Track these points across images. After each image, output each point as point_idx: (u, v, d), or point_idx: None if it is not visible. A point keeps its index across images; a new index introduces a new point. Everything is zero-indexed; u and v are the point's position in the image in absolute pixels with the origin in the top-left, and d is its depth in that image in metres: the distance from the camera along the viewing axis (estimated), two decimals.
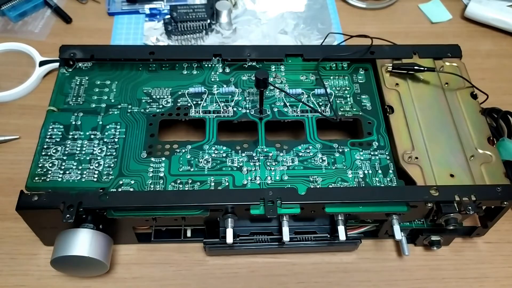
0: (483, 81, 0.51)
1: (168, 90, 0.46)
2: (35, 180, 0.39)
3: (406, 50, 0.49)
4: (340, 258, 0.43)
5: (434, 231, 0.42)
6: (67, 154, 0.41)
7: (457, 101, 0.46)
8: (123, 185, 0.39)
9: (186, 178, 0.40)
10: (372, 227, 0.42)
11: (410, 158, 0.41)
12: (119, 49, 0.49)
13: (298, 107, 0.45)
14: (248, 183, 0.40)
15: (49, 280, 0.41)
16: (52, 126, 0.43)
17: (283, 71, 0.48)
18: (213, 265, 0.42)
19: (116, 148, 0.42)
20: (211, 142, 0.43)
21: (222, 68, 0.48)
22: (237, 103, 0.45)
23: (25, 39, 0.58)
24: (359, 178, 0.41)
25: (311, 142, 0.43)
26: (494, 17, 0.61)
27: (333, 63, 0.49)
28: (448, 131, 0.43)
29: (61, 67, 0.47)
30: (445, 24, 0.64)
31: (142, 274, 0.41)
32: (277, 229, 0.40)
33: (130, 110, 0.44)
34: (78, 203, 0.37)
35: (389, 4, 0.65)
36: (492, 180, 0.40)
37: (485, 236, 0.44)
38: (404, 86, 0.47)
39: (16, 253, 0.42)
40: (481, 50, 0.61)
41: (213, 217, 0.39)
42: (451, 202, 0.38)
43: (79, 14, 0.61)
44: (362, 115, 0.45)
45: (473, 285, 0.42)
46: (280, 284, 0.41)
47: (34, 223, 0.39)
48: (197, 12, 0.59)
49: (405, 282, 0.42)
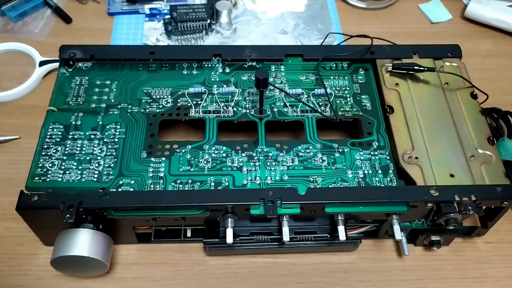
0: (483, 81, 0.51)
1: (168, 90, 0.46)
2: (35, 180, 0.39)
3: (406, 50, 0.49)
4: (340, 258, 0.43)
5: (434, 231, 0.42)
6: (67, 154, 0.41)
7: (457, 101, 0.46)
8: (123, 185, 0.39)
9: (186, 178, 0.40)
10: (372, 227, 0.42)
11: (410, 158, 0.41)
12: (119, 49, 0.49)
13: (298, 107, 0.45)
14: (248, 183, 0.40)
15: (49, 280, 0.41)
16: (52, 126, 0.43)
17: (283, 71, 0.48)
18: (213, 265, 0.42)
19: (116, 148, 0.42)
20: (211, 142, 0.43)
21: (222, 68, 0.48)
22: (237, 103, 0.45)
23: (25, 39, 0.58)
24: (359, 178, 0.41)
25: (311, 142, 0.43)
26: (494, 17, 0.61)
27: (333, 63, 0.49)
28: (448, 131, 0.43)
29: (61, 67, 0.47)
30: (445, 24, 0.64)
31: (142, 274, 0.41)
32: (277, 229, 0.40)
33: (130, 110, 0.44)
34: (78, 203, 0.37)
35: (389, 4, 0.65)
36: (492, 180, 0.40)
37: (485, 236, 0.44)
38: (404, 86, 0.47)
39: (16, 253, 0.42)
40: (481, 50, 0.61)
41: (213, 217, 0.39)
42: (451, 202, 0.38)
43: (79, 14, 0.61)
44: (362, 115, 0.45)
45: (473, 285, 0.42)
46: (280, 284, 0.41)
47: (34, 223, 0.39)
48: (197, 12, 0.59)
49: (405, 282, 0.42)
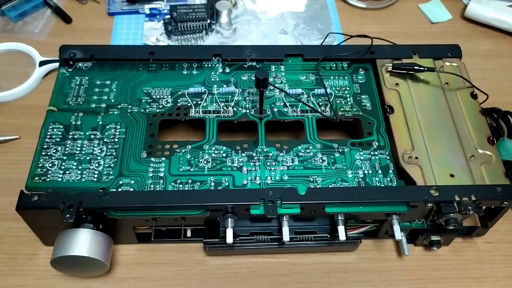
0: (483, 81, 0.50)
1: (168, 90, 0.46)
2: (35, 180, 0.39)
3: (406, 50, 0.49)
4: (340, 258, 0.43)
5: (434, 231, 0.42)
6: (67, 154, 0.41)
7: (457, 101, 0.46)
8: (123, 185, 0.39)
9: (186, 178, 0.40)
10: (372, 227, 0.42)
11: (410, 158, 0.41)
12: (119, 49, 0.49)
13: (298, 107, 0.45)
14: (248, 183, 0.40)
15: (49, 280, 0.41)
16: (52, 126, 0.43)
17: (283, 71, 0.48)
18: (213, 265, 0.42)
19: (116, 148, 0.42)
20: (211, 142, 0.43)
21: (222, 68, 0.48)
22: (237, 103, 0.45)
23: (25, 39, 0.58)
24: (359, 178, 0.41)
25: (311, 142, 0.43)
26: (494, 17, 0.61)
27: (333, 63, 0.49)
28: (448, 131, 0.43)
29: (61, 67, 0.47)
30: (445, 24, 0.64)
31: (142, 274, 0.41)
32: (277, 229, 0.40)
33: (130, 110, 0.44)
34: (78, 203, 0.37)
35: (389, 4, 0.65)
36: (492, 180, 0.40)
37: (485, 236, 0.44)
38: (404, 86, 0.47)
39: (16, 253, 0.42)
40: (481, 50, 0.61)
41: (213, 217, 0.39)
42: (451, 202, 0.38)
43: (79, 14, 0.61)
44: (362, 115, 0.45)
45: (473, 285, 0.42)
46: (280, 284, 0.41)
47: (34, 223, 0.39)
48: (197, 12, 0.59)
49: (405, 282, 0.42)
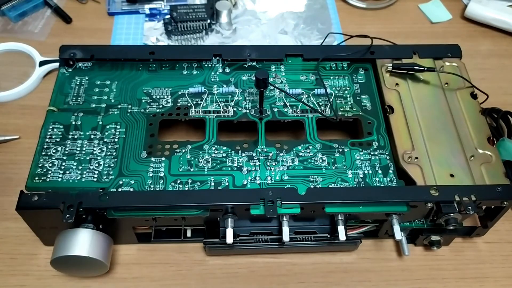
0: (483, 81, 0.50)
1: (168, 90, 0.46)
2: (35, 180, 0.39)
3: (406, 50, 0.49)
4: (340, 258, 0.43)
5: (434, 231, 0.42)
6: (67, 154, 0.41)
7: (457, 101, 0.46)
8: (123, 185, 0.39)
9: (186, 178, 0.40)
10: (372, 227, 0.42)
11: (410, 158, 0.41)
12: (119, 49, 0.49)
13: (298, 107, 0.45)
14: (248, 183, 0.40)
15: (49, 280, 0.41)
16: (52, 126, 0.43)
17: (283, 71, 0.48)
18: (213, 265, 0.42)
19: (116, 148, 0.42)
20: (211, 142, 0.43)
21: (222, 68, 0.48)
22: (237, 103, 0.45)
23: (25, 39, 0.58)
24: (359, 178, 0.41)
25: (311, 142, 0.43)
26: (494, 17, 0.61)
27: (333, 63, 0.49)
28: (448, 131, 0.43)
29: (61, 67, 0.47)
30: (445, 24, 0.64)
31: (142, 274, 0.41)
32: (277, 229, 0.40)
33: (130, 110, 0.44)
34: (78, 203, 0.37)
35: (389, 4, 0.65)
36: (492, 180, 0.40)
37: (485, 236, 0.44)
38: (404, 86, 0.47)
39: (16, 253, 0.42)
40: (481, 50, 0.61)
41: (213, 217, 0.39)
42: (451, 202, 0.38)
43: (79, 14, 0.61)
44: (362, 115, 0.45)
45: (473, 285, 0.42)
46: (280, 284, 0.41)
47: (34, 223, 0.39)
48: (197, 12, 0.59)
49: (405, 282, 0.42)
